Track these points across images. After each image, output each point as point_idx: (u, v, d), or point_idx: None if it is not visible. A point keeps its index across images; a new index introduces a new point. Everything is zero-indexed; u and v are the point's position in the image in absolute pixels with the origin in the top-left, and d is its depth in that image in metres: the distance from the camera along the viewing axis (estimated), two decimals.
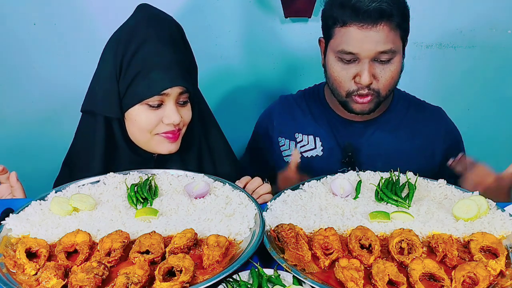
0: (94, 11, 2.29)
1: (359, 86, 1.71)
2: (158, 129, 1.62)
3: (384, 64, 1.69)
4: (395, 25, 1.65)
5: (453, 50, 2.44)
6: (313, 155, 1.93)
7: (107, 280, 1.14)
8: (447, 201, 1.50)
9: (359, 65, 1.69)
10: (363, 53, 1.65)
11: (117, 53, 1.59)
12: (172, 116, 1.59)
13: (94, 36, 2.31)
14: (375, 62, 1.68)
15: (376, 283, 1.13)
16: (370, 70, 1.68)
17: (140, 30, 1.59)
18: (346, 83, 1.73)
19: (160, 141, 1.65)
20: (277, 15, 2.36)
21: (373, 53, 1.65)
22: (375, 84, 1.71)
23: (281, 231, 1.30)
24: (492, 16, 2.37)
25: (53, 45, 2.33)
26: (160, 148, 1.66)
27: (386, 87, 1.73)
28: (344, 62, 1.70)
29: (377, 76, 1.70)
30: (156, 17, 1.63)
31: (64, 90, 2.40)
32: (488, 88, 2.52)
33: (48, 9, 2.27)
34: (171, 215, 1.41)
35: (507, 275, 1.18)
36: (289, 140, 1.97)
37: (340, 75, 1.72)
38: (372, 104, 1.76)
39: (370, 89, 1.71)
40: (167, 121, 1.60)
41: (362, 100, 1.73)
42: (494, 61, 2.46)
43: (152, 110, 1.60)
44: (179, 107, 1.63)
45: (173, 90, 1.58)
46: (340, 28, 1.68)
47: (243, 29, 2.38)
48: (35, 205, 1.41)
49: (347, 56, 1.68)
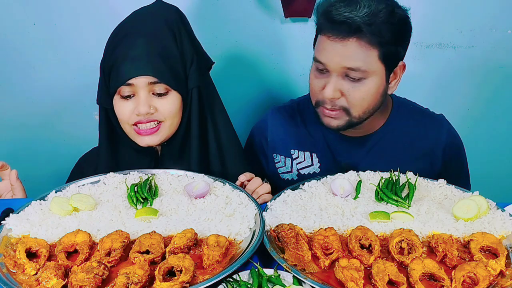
0: (94, 11, 2.29)
1: (323, 98, 1.64)
2: (132, 119, 1.63)
3: (355, 82, 1.59)
4: (369, 42, 1.53)
5: (453, 50, 2.44)
6: (310, 172, 1.85)
7: (107, 280, 1.14)
8: (447, 201, 1.50)
9: (328, 77, 1.61)
10: (330, 65, 1.58)
11: (106, 47, 1.66)
12: (139, 106, 1.59)
13: (94, 36, 2.31)
14: (346, 78, 1.59)
15: (376, 283, 1.13)
16: (337, 85, 1.59)
17: (126, 25, 1.65)
18: (316, 93, 1.67)
19: (135, 133, 1.66)
20: (277, 15, 2.36)
21: (340, 68, 1.57)
22: (343, 101, 1.62)
23: (281, 231, 1.30)
24: (492, 16, 2.37)
25: (53, 45, 2.33)
26: (139, 140, 1.66)
27: (356, 107, 1.62)
28: (318, 72, 1.65)
29: (345, 93, 1.60)
30: (147, 11, 1.66)
31: (64, 90, 2.40)
32: (488, 88, 2.51)
33: (48, 9, 2.27)
34: (171, 215, 1.41)
35: (507, 275, 1.18)
36: (285, 157, 1.88)
37: (313, 83, 1.67)
38: (341, 121, 1.65)
39: (335, 105, 1.63)
40: (135, 112, 1.61)
41: (328, 113, 1.65)
42: (494, 61, 2.46)
43: (125, 100, 1.62)
44: (155, 98, 1.62)
45: (140, 80, 1.57)
46: (319, 35, 1.63)
47: (243, 29, 2.38)
48: (35, 205, 1.41)
49: (320, 65, 1.62)
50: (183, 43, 1.65)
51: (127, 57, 1.58)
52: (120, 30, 1.64)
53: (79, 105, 2.41)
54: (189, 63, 1.66)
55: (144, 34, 1.60)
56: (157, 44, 1.60)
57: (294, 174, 1.88)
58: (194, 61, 1.67)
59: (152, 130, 1.64)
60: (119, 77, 1.58)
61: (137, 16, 1.66)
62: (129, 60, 1.57)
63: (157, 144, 1.68)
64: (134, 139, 1.67)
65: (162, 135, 1.66)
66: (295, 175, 1.88)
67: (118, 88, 1.60)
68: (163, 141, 1.69)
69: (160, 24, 1.63)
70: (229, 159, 1.78)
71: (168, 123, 1.66)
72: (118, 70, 1.58)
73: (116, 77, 1.59)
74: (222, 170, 1.75)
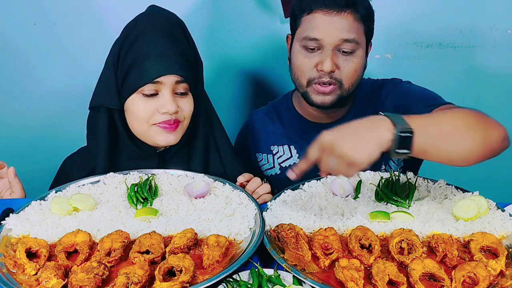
0: (94, 11, 2.29)
1: (321, 73, 1.71)
2: (154, 119, 1.61)
3: (347, 55, 1.70)
4: (359, 17, 1.69)
5: (453, 50, 2.44)
6: (291, 164, 1.93)
7: (107, 280, 1.14)
8: (447, 201, 1.50)
9: (322, 53, 1.70)
10: (327, 39, 1.67)
11: (116, 45, 1.64)
12: (167, 105, 1.58)
13: (94, 36, 2.31)
14: (339, 52, 1.70)
15: (376, 283, 1.13)
16: (333, 58, 1.69)
17: (140, 24, 1.62)
18: (308, 71, 1.74)
19: (157, 132, 1.64)
20: (277, 15, 2.36)
21: (337, 40, 1.67)
22: (338, 74, 1.71)
23: (281, 231, 1.30)
24: (492, 16, 2.37)
25: (53, 45, 2.33)
26: (158, 139, 1.65)
27: (349, 79, 1.73)
28: (308, 51, 1.72)
29: (339, 66, 1.71)
30: (158, 13, 1.66)
31: (64, 90, 2.40)
32: (488, 88, 2.51)
33: (48, 9, 2.27)
34: (171, 215, 1.41)
35: (507, 275, 1.18)
36: (267, 154, 1.98)
37: (303, 62, 1.74)
38: (334, 96, 1.75)
39: (332, 78, 1.71)
40: (163, 110, 1.59)
41: (323, 89, 1.73)
42: (494, 61, 2.46)
43: (148, 99, 1.60)
44: (177, 97, 1.62)
45: (168, 78, 1.57)
46: (307, 16, 1.71)
47: (243, 29, 2.38)
48: (35, 205, 1.41)
49: (311, 43, 1.70)
50: (193, 46, 1.69)
51: (151, 55, 1.57)
52: (135, 29, 1.62)
53: (79, 105, 2.40)
54: (200, 66, 1.71)
55: (164, 34, 1.60)
56: (176, 45, 1.61)
57: (277, 168, 1.96)
58: (201, 65, 1.72)
59: (173, 128, 1.63)
60: (144, 74, 1.57)
61: (151, 16, 1.64)
62: (154, 58, 1.56)
63: (175, 143, 1.67)
64: (152, 138, 1.65)
65: (179, 134, 1.67)
66: (277, 169, 1.96)
67: (142, 86, 1.58)
68: (178, 142, 1.69)
69: (176, 26, 1.65)
70: (225, 160, 1.79)
71: (185, 123, 1.67)
72: (142, 68, 1.57)
73: (139, 75, 1.57)
74: (222, 171, 1.75)
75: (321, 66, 1.70)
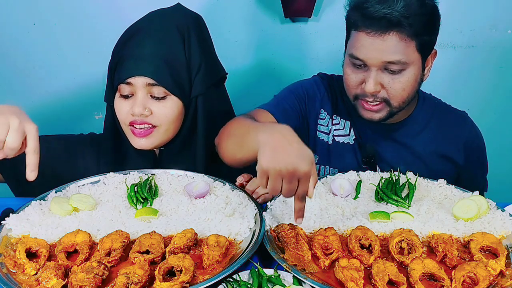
0: (94, 11, 2.29)
1: (365, 92, 1.66)
2: (128, 119, 1.61)
3: (394, 74, 1.61)
4: (408, 34, 1.57)
5: (453, 50, 2.44)
6: (345, 142, 1.86)
7: (107, 280, 1.14)
8: (447, 201, 1.50)
9: (367, 72, 1.64)
10: (370, 61, 1.60)
11: (116, 45, 1.65)
12: (134, 106, 1.57)
13: (94, 36, 2.31)
14: (385, 71, 1.62)
15: (376, 283, 1.13)
16: (377, 78, 1.61)
17: (135, 24, 1.63)
18: (353, 88, 1.69)
19: (130, 135, 1.64)
20: (277, 15, 2.36)
21: (380, 62, 1.59)
22: (384, 94, 1.64)
23: (281, 231, 1.30)
24: (492, 16, 2.37)
25: (53, 45, 2.33)
26: (132, 142, 1.64)
27: (397, 98, 1.65)
28: (355, 67, 1.66)
29: (385, 85, 1.63)
30: (162, 13, 1.65)
31: (64, 90, 2.40)
32: (488, 88, 2.51)
33: (48, 9, 2.27)
34: (171, 215, 1.41)
35: (507, 275, 1.18)
36: (329, 117, 1.88)
37: (350, 78, 1.69)
38: (382, 113, 1.68)
39: (377, 97, 1.65)
40: (131, 112, 1.59)
41: (368, 107, 1.68)
42: (494, 61, 2.46)
43: (124, 100, 1.61)
44: (153, 101, 1.59)
45: (138, 80, 1.56)
46: (354, 32, 1.64)
47: (243, 29, 2.38)
48: (35, 205, 1.41)
49: (356, 61, 1.64)
50: (191, 49, 1.63)
51: (131, 55, 1.57)
52: (131, 29, 1.63)
53: (79, 105, 2.41)
54: (195, 70, 1.64)
55: (152, 35, 1.59)
56: (163, 46, 1.59)
57: (330, 137, 1.88)
58: (201, 69, 1.65)
59: (145, 132, 1.61)
60: (120, 75, 1.58)
61: (150, 17, 1.65)
62: (132, 59, 1.57)
63: (150, 148, 1.66)
64: (129, 139, 1.66)
65: (155, 139, 1.63)
66: (330, 139, 1.88)
67: (118, 86, 1.60)
68: (157, 146, 1.67)
69: (170, 27, 1.62)
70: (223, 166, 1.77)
71: (164, 128, 1.62)
72: (121, 68, 1.58)
73: (118, 75, 1.59)
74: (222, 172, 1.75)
75: (365, 86, 1.64)
